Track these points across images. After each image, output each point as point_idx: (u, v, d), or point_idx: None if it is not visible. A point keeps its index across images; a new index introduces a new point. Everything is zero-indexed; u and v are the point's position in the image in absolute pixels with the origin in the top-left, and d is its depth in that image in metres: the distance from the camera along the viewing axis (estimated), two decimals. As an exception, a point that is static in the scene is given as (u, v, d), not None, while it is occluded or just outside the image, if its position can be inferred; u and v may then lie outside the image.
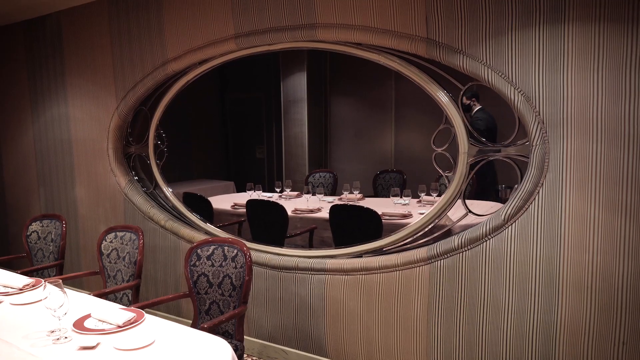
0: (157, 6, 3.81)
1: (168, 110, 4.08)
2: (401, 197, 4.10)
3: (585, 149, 2.45)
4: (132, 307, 2.52)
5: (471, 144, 2.83)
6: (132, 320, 2.29)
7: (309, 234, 4.18)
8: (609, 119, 2.38)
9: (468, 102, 4.37)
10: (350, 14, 2.99)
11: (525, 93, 2.54)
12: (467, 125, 2.84)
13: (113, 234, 3.42)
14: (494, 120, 4.23)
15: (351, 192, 4.50)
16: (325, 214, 4.11)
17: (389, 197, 4.25)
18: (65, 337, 2.16)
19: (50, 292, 2.13)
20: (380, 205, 3.93)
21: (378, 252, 3.22)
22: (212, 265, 2.94)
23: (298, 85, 5.20)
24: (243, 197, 4.79)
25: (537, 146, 2.56)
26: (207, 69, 3.73)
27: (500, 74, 2.59)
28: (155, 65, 3.88)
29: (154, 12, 3.84)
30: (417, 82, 2.94)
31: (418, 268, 2.98)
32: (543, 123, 2.52)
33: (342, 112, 4.97)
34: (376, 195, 4.53)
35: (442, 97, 2.88)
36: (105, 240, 3.41)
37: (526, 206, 2.63)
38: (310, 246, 4.14)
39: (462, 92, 2.83)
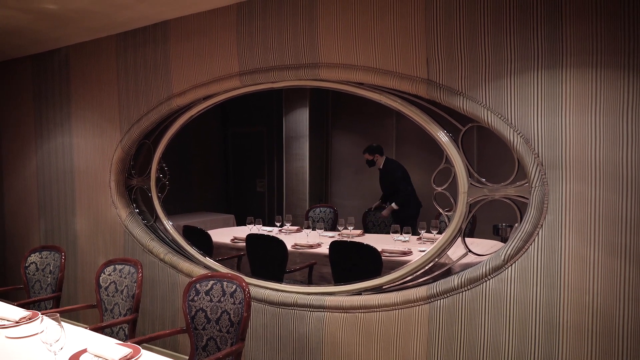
0: (164, 43, 3.90)
1: (171, 143, 4.12)
2: (401, 234, 4.11)
3: (584, 191, 2.47)
4: (129, 342, 2.49)
5: (471, 184, 2.86)
6: (128, 356, 2.27)
7: (309, 269, 4.17)
8: (607, 162, 2.41)
9: (371, 158, 4.45)
10: (353, 54, 3.06)
11: (524, 135, 2.58)
12: (467, 165, 2.87)
13: (112, 266, 3.40)
14: (402, 166, 4.34)
15: (345, 228, 4.51)
16: (325, 249, 4.10)
17: (388, 233, 4.25)
18: (61, 373, 2.13)
19: (46, 326, 2.11)
20: (380, 242, 3.93)
21: (377, 289, 3.20)
22: (211, 300, 2.93)
23: (300, 120, 5.27)
24: (243, 231, 4.79)
25: (537, 188, 2.59)
26: (211, 104, 3.79)
27: (499, 116, 2.63)
28: (160, 99, 3.95)
29: (161, 49, 3.93)
30: (418, 122, 2.98)
31: (417, 307, 2.96)
32: (542, 165, 2.55)
33: (343, 149, 5.02)
34: (367, 231, 4.56)
35: (442, 137, 2.91)
36: (104, 273, 3.39)
37: (526, 247, 2.63)
38: (310, 282, 4.12)
39: (461, 133, 2.87)
